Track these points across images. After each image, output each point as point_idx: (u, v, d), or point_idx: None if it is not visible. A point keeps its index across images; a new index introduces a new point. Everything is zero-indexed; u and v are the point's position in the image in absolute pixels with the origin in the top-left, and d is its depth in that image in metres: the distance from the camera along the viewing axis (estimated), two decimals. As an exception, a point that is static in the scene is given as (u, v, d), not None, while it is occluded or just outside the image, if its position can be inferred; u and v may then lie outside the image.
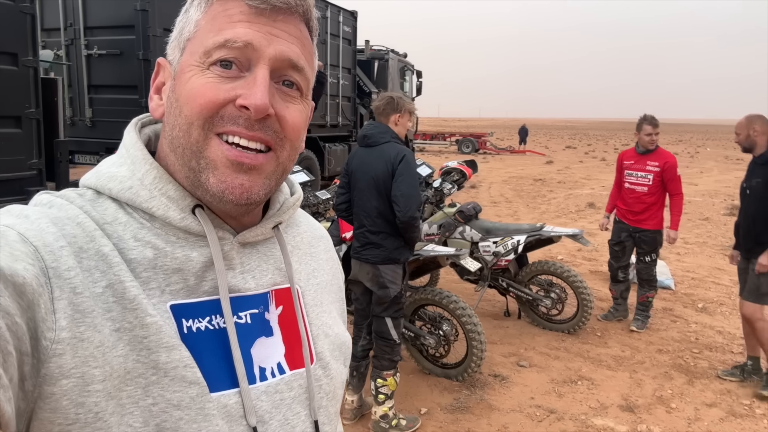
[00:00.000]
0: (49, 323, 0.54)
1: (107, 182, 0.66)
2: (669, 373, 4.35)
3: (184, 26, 0.68)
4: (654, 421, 3.65)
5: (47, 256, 0.56)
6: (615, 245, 5.29)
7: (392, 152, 3.34)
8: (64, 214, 0.62)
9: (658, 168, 4.96)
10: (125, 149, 0.70)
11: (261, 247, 0.74)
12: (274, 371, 0.71)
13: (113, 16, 7.03)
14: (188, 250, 0.66)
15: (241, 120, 0.63)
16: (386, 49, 14.13)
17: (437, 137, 30.70)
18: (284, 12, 0.66)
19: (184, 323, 0.64)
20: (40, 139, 5.20)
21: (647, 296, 5.16)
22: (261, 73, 0.63)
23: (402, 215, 3.21)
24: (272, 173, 0.67)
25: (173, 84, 0.67)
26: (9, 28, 4.75)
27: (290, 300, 0.76)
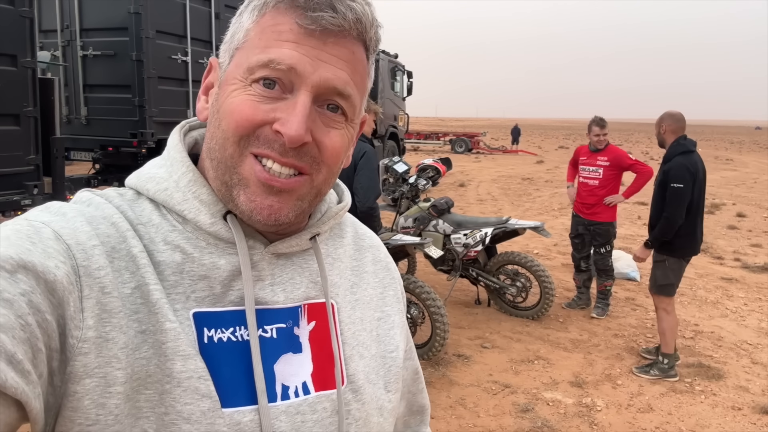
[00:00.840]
0: (77, 321, 0.54)
1: (146, 183, 0.67)
2: (621, 354, 4.70)
3: (235, 32, 0.66)
4: (599, 395, 4.00)
5: (79, 254, 0.56)
6: (575, 238, 5.64)
7: (355, 148, 3.70)
8: (100, 213, 0.62)
9: (607, 162, 5.31)
10: (167, 151, 0.70)
11: (297, 259, 0.72)
12: (298, 390, 0.67)
13: (108, 18, 7.34)
14: (216, 257, 0.65)
15: (276, 145, 0.61)
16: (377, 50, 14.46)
17: (431, 137, 31.03)
18: (336, 35, 0.62)
19: (205, 332, 0.63)
20: (37, 136, 5.48)
21: (605, 285, 5.51)
22: (302, 99, 0.61)
23: (361, 205, 3.57)
24: (305, 195, 0.65)
25: (218, 92, 0.67)
26: (9, 31, 5.05)
27: (325, 316, 0.72)
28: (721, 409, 3.88)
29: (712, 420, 3.73)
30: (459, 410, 3.73)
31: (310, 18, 0.60)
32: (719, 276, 7.18)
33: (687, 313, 5.74)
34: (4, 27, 4.98)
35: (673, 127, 4.23)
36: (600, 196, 5.35)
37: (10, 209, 5.54)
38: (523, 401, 3.86)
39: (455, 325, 5.11)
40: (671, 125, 4.24)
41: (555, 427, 3.56)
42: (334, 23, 0.61)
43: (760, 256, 8.23)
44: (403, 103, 15.96)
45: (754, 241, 9.31)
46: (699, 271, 7.37)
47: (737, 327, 5.41)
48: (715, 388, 4.16)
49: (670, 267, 4.19)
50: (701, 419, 3.73)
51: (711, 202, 13.22)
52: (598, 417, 3.71)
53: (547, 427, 3.54)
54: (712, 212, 12.09)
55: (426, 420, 0.95)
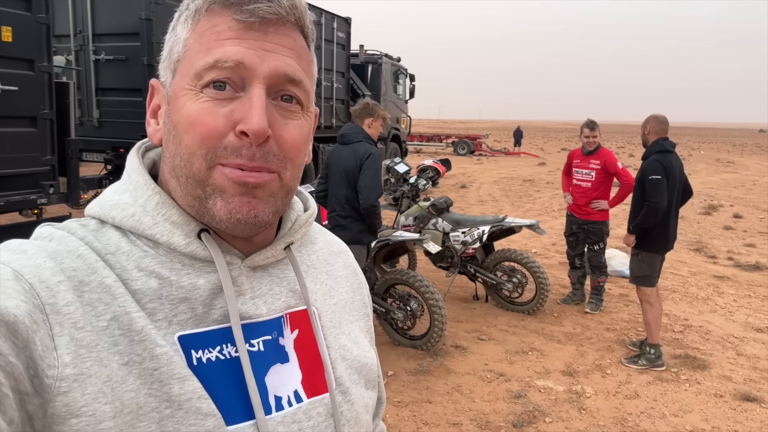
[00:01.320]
0: (49, 360, 0.53)
1: (110, 210, 0.65)
2: (611, 346, 4.91)
3: (173, 46, 0.66)
4: (588, 383, 4.22)
5: (43, 292, 0.55)
6: (569, 236, 5.87)
7: (362, 150, 3.96)
8: (63, 247, 0.60)
9: (599, 165, 5.53)
10: (127, 175, 0.69)
11: (273, 270, 0.72)
12: (290, 400, 0.68)
13: (120, 24, 7.60)
14: (194, 277, 0.64)
15: (243, 150, 0.61)
16: (380, 54, 14.70)
17: (433, 139, 31.25)
18: (275, 23, 0.63)
19: (193, 355, 0.62)
20: (53, 138, 5.68)
21: (599, 281, 5.73)
22: (256, 93, 0.61)
23: (364, 202, 3.82)
24: (277, 192, 0.65)
25: (168, 109, 0.66)
26: (26, 37, 5.27)
27: (307, 323, 0.73)
28: (704, 396, 4.09)
29: (695, 406, 3.94)
30: (455, 396, 3.95)
31: (246, 11, 0.61)
32: (712, 274, 7.38)
33: (678, 309, 5.95)
34: (22, 33, 5.19)
35: (656, 129, 4.49)
36: (592, 198, 5.58)
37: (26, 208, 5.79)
38: (516, 388, 4.08)
39: (454, 319, 5.34)
40: (654, 127, 4.49)
41: (545, 411, 3.78)
42: (271, 12, 0.62)
43: (753, 256, 8.43)
44: (405, 105, 16.20)
45: (749, 241, 9.50)
46: (692, 269, 7.57)
47: (725, 322, 5.62)
48: (700, 377, 4.38)
49: (643, 260, 4.43)
50: (684, 405, 3.94)
51: (709, 204, 13.43)
52: (587, 403, 3.92)
53: (538, 412, 3.76)
54: (710, 213, 12.29)
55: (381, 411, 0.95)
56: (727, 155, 35.98)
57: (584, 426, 3.63)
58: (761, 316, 5.81)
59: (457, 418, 3.67)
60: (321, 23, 11.34)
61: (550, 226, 9.73)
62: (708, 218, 11.78)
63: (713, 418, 3.79)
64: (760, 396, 4.07)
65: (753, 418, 3.81)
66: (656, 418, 3.76)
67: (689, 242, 9.30)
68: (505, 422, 3.64)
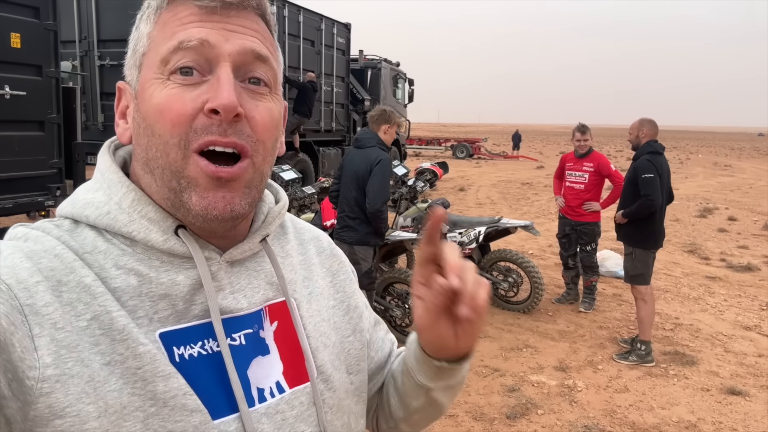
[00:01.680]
0: (30, 362, 0.52)
1: (83, 209, 0.64)
2: (603, 343, 5.06)
3: (137, 42, 0.67)
4: (580, 378, 4.36)
5: (21, 293, 0.54)
6: (562, 238, 6.04)
7: (373, 155, 4.16)
8: (40, 247, 0.60)
9: (592, 168, 5.70)
10: (100, 174, 0.68)
11: (249, 263, 0.72)
12: (273, 391, 0.69)
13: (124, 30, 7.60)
14: (174, 273, 0.64)
15: (214, 127, 0.61)
16: (379, 59, 14.88)
17: (432, 142, 31.44)
18: (236, 7, 0.64)
19: (175, 351, 0.62)
20: (60, 142, 5.83)
21: (591, 281, 5.88)
22: (224, 71, 0.61)
23: (370, 206, 4.00)
24: (251, 182, 0.65)
25: (137, 103, 0.65)
26: (35, 44, 5.42)
27: (286, 314, 0.74)
28: (691, 390, 4.24)
29: (682, 399, 4.09)
30: (451, 390, 4.09)
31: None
32: (704, 275, 7.53)
33: (669, 308, 6.09)
34: (30, 39, 5.34)
35: (651, 132, 4.67)
36: (585, 200, 5.75)
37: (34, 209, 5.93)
38: (510, 383, 4.23)
39: (450, 318, 5.47)
40: (651, 130, 4.67)
41: (538, 404, 3.92)
42: None
43: (745, 257, 8.58)
44: (404, 109, 16.37)
45: (742, 243, 9.65)
46: (685, 270, 7.73)
47: (715, 320, 5.77)
48: (688, 372, 4.52)
49: (637, 258, 4.58)
50: (672, 398, 4.09)
51: (704, 207, 13.59)
52: (578, 396, 4.07)
53: (531, 404, 3.90)
54: (705, 216, 12.45)
55: (383, 327, 0.96)
56: (725, 159, 36.20)
57: (575, 418, 3.77)
58: (750, 314, 5.96)
59: (453, 410, 3.81)
60: (321, 29, 11.51)
61: (547, 228, 9.88)
62: (703, 221, 11.94)
63: (699, 411, 3.93)
64: (745, 390, 4.22)
65: (737, 410, 3.96)
66: (644, 410, 3.91)
67: (683, 244, 9.45)
68: (499, 414, 3.78)
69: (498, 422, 3.69)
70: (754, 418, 3.86)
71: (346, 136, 13.18)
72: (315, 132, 11.61)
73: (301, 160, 10.84)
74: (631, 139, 4.78)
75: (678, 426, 3.73)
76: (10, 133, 5.16)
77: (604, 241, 7.81)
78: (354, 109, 13.55)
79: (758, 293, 6.74)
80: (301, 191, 5.33)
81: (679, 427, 3.72)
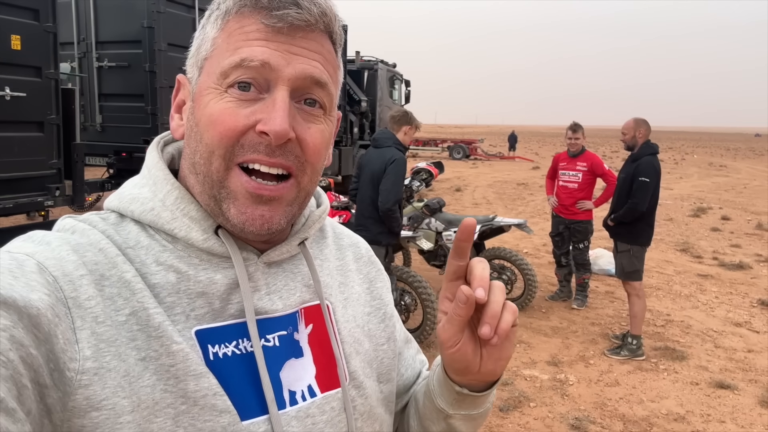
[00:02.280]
0: (71, 353, 0.53)
1: (129, 204, 0.65)
2: (595, 339, 5.15)
3: (201, 44, 0.67)
4: (572, 372, 4.45)
5: (66, 285, 0.56)
6: (555, 236, 6.13)
7: (389, 154, 4.27)
8: (86, 240, 0.61)
9: (586, 167, 5.80)
10: (147, 170, 0.69)
11: (287, 265, 0.73)
12: (304, 394, 0.69)
13: (122, 31, 7.81)
14: (212, 272, 0.65)
15: (262, 147, 0.61)
16: (376, 60, 14.96)
17: (429, 143, 31.55)
18: (304, 29, 0.63)
19: (210, 349, 0.63)
20: (59, 142, 5.86)
21: (584, 278, 5.98)
22: (280, 95, 0.62)
23: (382, 205, 4.12)
24: (294, 200, 0.66)
25: (192, 106, 0.66)
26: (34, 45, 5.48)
27: (321, 317, 0.73)
28: (680, 384, 4.33)
29: (671, 393, 4.18)
30: (446, 384, 4.18)
31: (275, 17, 0.62)
32: (696, 273, 7.63)
33: (661, 305, 6.19)
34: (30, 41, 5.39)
35: (646, 133, 4.76)
36: (578, 198, 5.84)
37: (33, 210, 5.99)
38: (503, 377, 4.29)
39: (445, 315, 5.56)
40: (647, 131, 4.78)
41: (530, 397, 4.01)
42: (300, 18, 0.62)
43: (737, 256, 8.69)
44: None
45: (735, 242, 9.76)
46: (678, 269, 7.82)
47: (706, 317, 5.87)
48: (678, 367, 4.62)
49: (634, 255, 4.67)
50: (661, 392, 4.18)
51: (698, 206, 13.70)
52: (570, 390, 4.15)
53: (523, 397, 3.99)
54: (698, 215, 12.56)
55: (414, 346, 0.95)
56: (720, 159, 36.39)
57: (566, 410, 3.86)
58: (741, 311, 6.06)
59: (447, 404, 3.89)
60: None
61: (542, 228, 9.96)
62: (696, 220, 12.05)
63: (688, 404, 4.02)
64: (733, 384, 4.31)
65: (725, 403, 4.05)
66: (634, 403, 4.00)
67: (676, 243, 9.55)
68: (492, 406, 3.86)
69: (491, 415, 3.77)
70: (741, 411, 3.95)
71: (343, 137, 13.26)
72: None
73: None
74: (626, 140, 4.85)
75: (667, 418, 3.82)
76: (10, 133, 5.22)
77: (597, 239, 7.91)
78: (351, 110, 13.64)
79: (749, 290, 6.84)
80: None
81: (668, 419, 3.81)
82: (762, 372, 4.56)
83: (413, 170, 6.69)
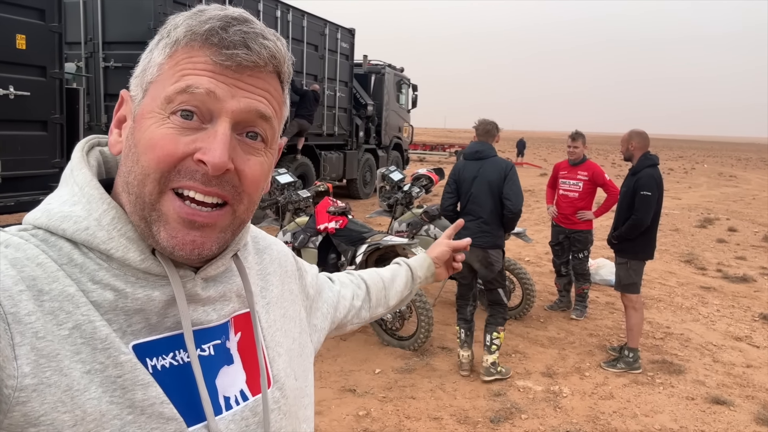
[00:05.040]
0: (9, 370, 0.53)
1: (60, 222, 0.63)
2: (592, 351, 5.10)
3: (147, 66, 0.67)
4: (567, 384, 4.41)
5: (6, 301, 0.55)
6: (555, 245, 6.10)
7: (503, 163, 4.44)
8: (22, 255, 0.60)
9: (587, 177, 5.76)
10: (78, 187, 0.67)
11: (221, 277, 0.74)
12: (237, 399, 0.72)
13: (128, 32, 7.89)
14: (149, 289, 0.65)
15: (198, 175, 0.62)
16: (383, 64, 14.98)
17: (437, 148, 31.51)
18: (252, 68, 0.64)
19: (148, 362, 0.64)
20: (63, 142, 5.91)
21: (583, 288, 5.93)
22: (222, 127, 0.62)
23: (515, 207, 4.27)
24: (227, 227, 0.67)
25: (133, 126, 0.66)
26: (40, 45, 5.52)
27: (249, 325, 0.77)
28: (676, 398, 4.28)
29: (666, 407, 4.13)
30: (438, 393, 4.15)
31: (224, 55, 0.62)
32: (699, 285, 7.55)
33: (661, 317, 6.13)
34: (35, 41, 5.45)
35: (641, 144, 4.69)
36: (578, 208, 5.81)
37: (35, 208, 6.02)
38: (496, 387, 4.28)
39: (443, 322, 5.54)
40: (640, 143, 4.70)
41: (522, 408, 3.97)
42: (249, 60, 0.63)
43: (742, 268, 8.59)
44: (407, 115, 16.45)
45: (740, 254, 9.67)
46: (680, 280, 7.75)
47: (706, 330, 5.81)
48: (675, 381, 4.56)
49: (632, 268, 4.63)
50: (656, 406, 4.13)
51: (705, 217, 13.59)
52: (563, 402, 4.12)
53: (515, 409, 3.95)
54: (705, 226, 12.45)
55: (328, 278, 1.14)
56: (730, 169, 36.09)
57: (558, 423, 3.82)
58: (742, 325, 5.99)
59: (438, 413, 3.87)
60: (325, 33, 11.63)
61: (545, 236, 9.87)
62: (703, 231, 11.95)
63: (682, 419, 3.97)
64: (730, 399, 4.25)
65: (721, 419, 3.99)
66: (627, 417, 3.95)
67: (681, 254, 9.47)
68: (483, 417, 3.83)
69: (482, 425, 3.74)
70: (737, 427, 3.90)
71: (348, 141, 13.27)
72: (317, 136, 11.71)
73: (301, 164, 10.94)
74: (623, 152, 4.83)
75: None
76: (13, 132, 5.26)
77: (599, 249, 7.87)
78: (357, 114, 13.65)
79: (752, 304, 6.76)
80: (296, 195, 5.41)
81: (661, 434, 3.77)
82: (759, 388, 4.50)
83: (413, 176, 6.67)
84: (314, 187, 5.80)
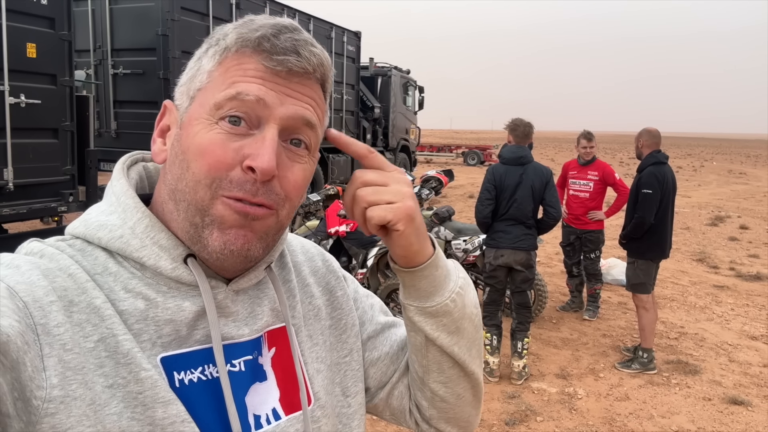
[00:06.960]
0: (38, 381, 0.53)
1: (96, 231, 0.65)
2: (606, 352, 5.07)
3: (195, 74, 0.67)
4: (581, 385, 4.38)
5: (36, 312, 0.55)
6: (567, 246, 6.06)
7: (544, 169, 4.48)
8: (55, 265, 0.61)
9: (597, 177, 5.73)
10: (115, 197, 0.68)
11: (253, 291, 0.73)
12: (269, 418, 0.70)
13: (137, 39, 7.92)
14: (180, 300, 0.65)
15: (248, 185, 0.62)
16: (389, 66, 14.98)
17: (444, 149, 31.47)
18: (300, 75, 0.65)
19: (176, 376, 0.63)
20: (73, 149, 5.95)
21: (595, 288, 5.90)
22: (270, 133, 0.63)
23: (557, 215, 4.38)
24: (270, 229, 0.67)
25: (179, 133, 0.67)
26: (50, 53, 5.55)
27: (285, 340, 0.75)
28: (693, 399, 4.24)
29: (683, 408, 4.09)
30: (452, 396, 4.13)
31: (275, 61, 0.64)
32: (712, 284, 7.50)
33: (675, 317, 6.08)
34: (45, 49, 5.48)
35: (649, 143, 4.67)
36: (590, 208, 5.77)
37: (47, 215, 6.08)
38: (510, 390, 4.26)
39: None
40: (648, 141, 4.68)
41: (537, 411, 3.95)
42: (300, 66, 0.65)
43: (755, 266, 8.52)
44: (414, 117, 16.44)
45: (753, 252, 9.58)
46: (693, 279, 7.69)
47: (721, 330, 5.75)
48: (691, 381, 4.52)
49: (639, 267, 4.60)
50: (672, 407, 4.09)
51: (716, 215, 13.49)
52: (578, 404, 4.09)
53: (530, 411, 3.93)
54: (716, 224, 12.36)
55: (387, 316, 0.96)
56: (740, 166, 35.80)
57: (573, 425, 3.79)
58: (757, 324, 5.93)
59: (453, 416, 3.85)
60: (331, 37, 11.64)
61: (555, 236, 9.82)
62: (714, 229, 11.85)
63: (699, 420, 3.93)
64: (747, 400, 4.21)
65: (739, 420, 3.95)
66: (644, 418, 3.92)
67: (693, 253, 9.40)
68: (498, 420, 3.81)
69: (496, 428, 3.72)
70: (755, 428, 3.86)
71: (355, 143, 13.26)
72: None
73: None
74: (636, 150, 4.82)
75: (677, 435, 3.74)
76: (24, 140, 5.29)
77: (611, 249, 7.81)
78: (363, 117, 13.66)
79: (766, 303, 6.70)
80: (306, 198, 5.42)
81: (679, 435, 3.73)
82: (777, 388, 4.46)
83: (422, 178, 6.65)
84: (324, 190, 5.80)
